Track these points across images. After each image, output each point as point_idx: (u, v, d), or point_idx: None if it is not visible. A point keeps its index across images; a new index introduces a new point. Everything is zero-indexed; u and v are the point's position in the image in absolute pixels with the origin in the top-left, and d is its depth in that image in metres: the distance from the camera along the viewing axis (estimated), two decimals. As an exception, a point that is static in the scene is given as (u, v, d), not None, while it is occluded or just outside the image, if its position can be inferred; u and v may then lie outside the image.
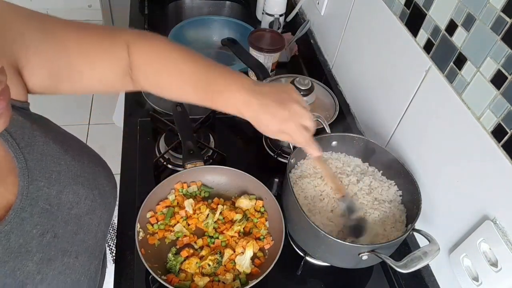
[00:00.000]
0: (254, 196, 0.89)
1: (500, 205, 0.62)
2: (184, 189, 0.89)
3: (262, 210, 0.88)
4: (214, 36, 1.51)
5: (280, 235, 0.80)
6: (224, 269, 0.78)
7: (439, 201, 0.76)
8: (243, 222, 0.84)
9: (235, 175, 0.91)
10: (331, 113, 1.00)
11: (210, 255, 0.78)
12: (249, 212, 0.87)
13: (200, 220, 0.84)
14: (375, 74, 0.98)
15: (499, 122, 0.60)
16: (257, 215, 0.87)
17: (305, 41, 1.39)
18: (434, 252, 0.67)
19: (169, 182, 0.88)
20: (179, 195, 0.88)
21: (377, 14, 0.94)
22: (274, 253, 0.77)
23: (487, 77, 0.62)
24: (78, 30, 0.60)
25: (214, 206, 0.87)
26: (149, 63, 0.65)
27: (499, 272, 0.60)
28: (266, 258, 0.81)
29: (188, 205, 0.85)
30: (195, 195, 0.90)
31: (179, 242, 0.82)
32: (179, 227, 0.83)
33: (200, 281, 0.75)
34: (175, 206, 0.86)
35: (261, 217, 0.87)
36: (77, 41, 0.60)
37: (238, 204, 0.87)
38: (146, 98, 1.12)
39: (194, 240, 0.83)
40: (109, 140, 1.47)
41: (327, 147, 0.90)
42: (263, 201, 0.88)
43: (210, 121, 1.10)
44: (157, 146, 1.03)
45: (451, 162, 0.72)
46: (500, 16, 0.59)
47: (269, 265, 0.74)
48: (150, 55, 0.65)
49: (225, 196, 0.91)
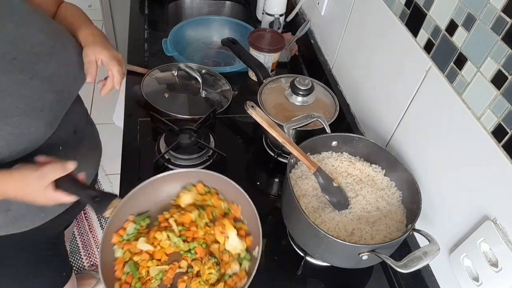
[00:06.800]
0: (190, 184, 0.83)
1: (500, 205, 0.62)
2: (123, 236, 0.77)
3: (205, 189, 0.83)
4: (214, 36, 1.51)
5: (239, 194, 0.78)
6: (226, 264, 0.75)
7: (439, 201, 0.76)
8: (201, 214, 0.79)
9: (155, 182, 0.81)
10: (331, 113, 1.00)
11: (204, 264, 0.75)
12: (198, 200, 0.82)
13: (166, 246, 0.77)
14: (375, 74, 0.98)
15: (500, 122, 0.60)
16: (206, 197, 0.82)
17: (305, 41, 1.39)
18: (434, 252, 0.67)
19: (106, 243, 0.75)
20: (125, 244, 0.77)
21: (377, 14, 0.94)
22: (250, 212, 0.76)
23: (487, 77, 0.62)
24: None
25: (165, 224, 0.79)
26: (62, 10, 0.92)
27: (499, 272, 0.60)
28: (247, 223, 0.79)
29: (142, 245, 0.76)
30: (137, 231, 0.79)
31: (166, 281, 0.75)
32: (155, 270, 0.75)
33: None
34: (131, 258, 0.76)
35: (210, 195, 0.82)
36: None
37: (182, 202, 0.81)
38: (146, 98, 1.12)
39: (177, 267, 0.76)
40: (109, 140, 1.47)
41: (327, 147, 0.90)
42: (201, 183, 0.83)
43: (210, 121, 1.10)
44: (157, 146, 1.03)
45: (451, 162, 0.72)
46: (500, 16, 0.59)
47: (256, 224, 0.74)
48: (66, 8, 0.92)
49: (166, 206, 0.83)
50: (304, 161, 0.78)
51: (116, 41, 2.48)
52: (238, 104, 1.18)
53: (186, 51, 1.40)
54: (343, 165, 0.88)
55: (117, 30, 2.43)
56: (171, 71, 1.22)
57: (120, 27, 2.41)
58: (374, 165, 0.88)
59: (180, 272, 0.76)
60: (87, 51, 0.82)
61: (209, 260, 0.76)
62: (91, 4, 3.11)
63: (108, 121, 1.64)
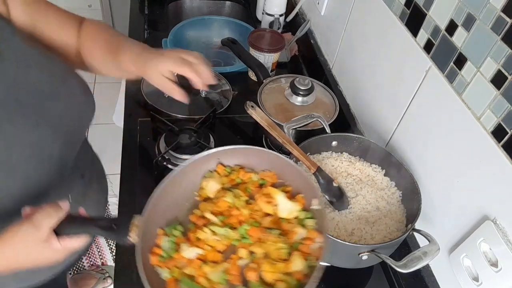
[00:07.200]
0: (209, 171, 0.73)
1: (500, 205, 0.62)
2: (161, 255, 0.63)
3: (227, 169, 0.72)
4: (214, 36, 1.51)
5: (268, 158, 0.69)
6: (288, 233, 0.63)
7: (439, 201, 0.76)
8: (237, 194, 0.68)
9: (170, 184, 0.68)
10: (331, 113, 1.00)
11: (266, 242, 0.63)
12: (225, 183, 0.71)
13: (214, 243, 0.64)
14: (375, 74, 0.98)
15: (499, 122, 0.60)
16: (232, 176, 0.71)
17: (305, 41, 1.39)
18: (434, 252, 0.67)
19: (147, 269, 0.59)
20: (167, 262, 0.63)
21: (377, 14, 0.94)
22: (289, 171, 0.67)
23: (487, 77, 0.62)
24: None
25: (202, 222, 0.67)
26: (88, 33, 0.79)
27: (499, 272, 0.60)
28: (289, 183, 0.69)
29: (188, 252, 0.63)
30: (174, 244, 0.65)
31: (233, 279, 0.60)
32: (215, 274, 0.61)
33: (297, 261, 0.60)
34: (182, 274, 0.62)
35: (236, 172, 0.72)
36: (46, 3, 0.75)
37: (209, 192, 0.70)
38: (146, 98, 1.12)
39: (237, 259, 0.63)
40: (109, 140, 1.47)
41: (327, 147, 0.90)
42: (220, 164, 0.72)
43: (210, 121, 1.10)
44: (157, 146, 1.03)
45: (451, 162, 0.72)
46: (500, 16, 0.59)
47: (303, 178, 0.64)
48: (92, 29, 0.80)
49: (192, 204, 0.71)
50: (304, 161, 0.78)
51: (116, 41, 2.48)
52: (238, 104, 1.18)
53: (186, 51, 1.40)
54: (343, 165, 0.88)
55: (117, 30, 2.43)
56: (171, 71, 1.22)
57: (120, 27, 2.41)
58: (374, 165, 0.88)
59: (243, 264, 0.63)
60: (149, 75, 0.72)
61: (272, 235, 0.63)
62: (91, 4, 3.11)
63: (108, 121, 1.64)
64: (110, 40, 0.78)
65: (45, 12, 0.73)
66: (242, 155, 0.73)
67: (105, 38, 0.78)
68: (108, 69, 0.80)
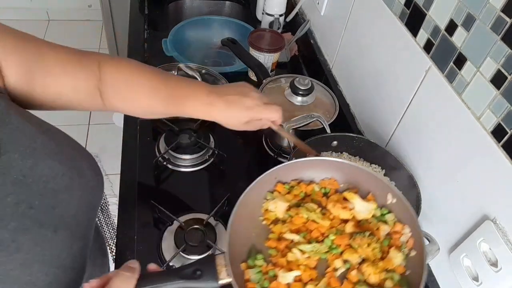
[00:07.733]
0: (268, 193, 0.70)
1: (500, 205, 0.62)
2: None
3: (287, 187, 0.70)
4: (214, 36, 1.51)
5: (325, 166, 0.68)
6: (373, 231, 0.63)
7: (439, 201, 0.76)
8: (309, 207, 0.66)
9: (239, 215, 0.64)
10: (331, 113, 1.00)
11: (360, 246, 0.62)
12: (290, 200, 0.69)
13: (307, 262, 0.62)
14: (375, 74, 0.98)
15: (499, 122, 0.60)
16: (294, 192, 0.70)
17: (305, 41, 1.39)
18: (434, 252, 0.67)
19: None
20: None
21: (377, 14, 0.94)
22: (351, 172, 0.66)
23: (487, 77, 0.62)
24: (51, 43, 0.64)
25: (282, 245, 0.64)
26: (118, 77, 0.69)
27: (499, 272, 0.60)
28: (353, 186, 0.68)
29: (285, 277, 0.60)
30: (261, 273, 0.62)
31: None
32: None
33: (396, 256, 0.60)
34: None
35: (298, 187, 0.70)
36: (53, 49, 0.64)
37: (278, 213, 0.68)
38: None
39: (333, 270, 0.61)
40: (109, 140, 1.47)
41: (327, 147, 0.90)
42: (279, 183, 0.70)
43: (210, 121, 1.10)
44: (157, 146, 1.03)
45: (451, 162, 0.72)
46: (500, 16, 0.59)
47: (369, 176, 0.64)
48: (119, 70, 0.70)
49: (262, 230, 0.68)
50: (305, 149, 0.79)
51: (116, 41, 2.48)
52: (238, 104, 1.17)
53: (186, 51, 1.40)
54: (343, 165, 0.88)
55: (117, 30, 2.43)
56: (171, 71, 1.22)
57: (120, 27, 2.41)
58: (374, 165, 0.88)
59: (339, 274, 0.62)
60: (233, 125, 0.73)
61: (362, 238, 0.62)
62: (91, 4, 3.11)
63: (108, 121, 1.64)
64: (159, 88, 0.70)
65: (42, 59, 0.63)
66: (299, 169, 0.71)
67: (151, 86, 0.70)
68: (152, 114, 0.74)
